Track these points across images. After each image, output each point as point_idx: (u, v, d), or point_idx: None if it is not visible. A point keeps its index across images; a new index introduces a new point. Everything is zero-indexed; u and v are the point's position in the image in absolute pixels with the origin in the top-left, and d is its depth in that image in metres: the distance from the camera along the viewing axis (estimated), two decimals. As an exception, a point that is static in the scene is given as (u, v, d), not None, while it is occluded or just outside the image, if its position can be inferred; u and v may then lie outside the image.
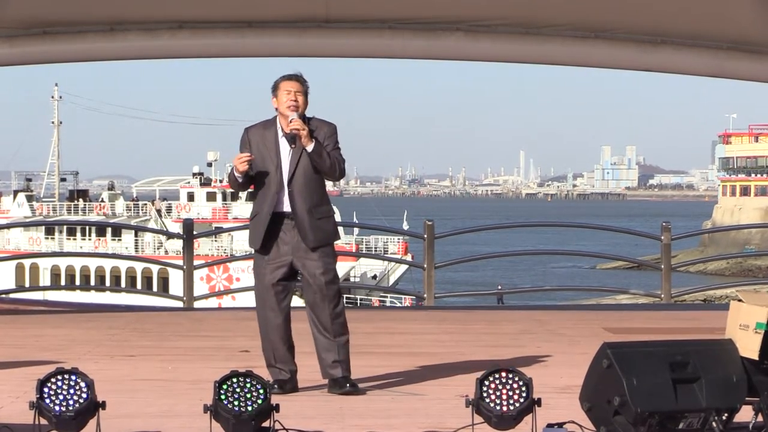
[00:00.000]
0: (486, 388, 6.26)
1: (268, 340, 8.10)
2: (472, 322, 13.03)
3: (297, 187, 8.00)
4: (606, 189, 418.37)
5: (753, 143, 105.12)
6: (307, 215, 8.00)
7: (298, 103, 8.01)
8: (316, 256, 8.01)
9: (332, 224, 8.14)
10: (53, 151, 78.18)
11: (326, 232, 8.07)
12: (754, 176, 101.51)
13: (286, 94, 8.03)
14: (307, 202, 8.01)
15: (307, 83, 8.11)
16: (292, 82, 8.06)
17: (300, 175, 8.00)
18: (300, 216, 7.99)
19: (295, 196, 7.99)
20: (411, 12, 13.26)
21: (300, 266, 8.03)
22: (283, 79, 8.09)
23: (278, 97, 8.06)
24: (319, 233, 8.04)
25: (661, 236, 15.60)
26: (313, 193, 8.04)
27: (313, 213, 8.02)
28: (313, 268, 8.01)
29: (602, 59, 13.79)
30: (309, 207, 8.02)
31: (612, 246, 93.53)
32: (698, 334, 10.42)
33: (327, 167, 8.02)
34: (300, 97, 8.03)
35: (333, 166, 8.03)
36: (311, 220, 8.01)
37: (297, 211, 8.00)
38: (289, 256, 8.02)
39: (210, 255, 55.73)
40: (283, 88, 8.05)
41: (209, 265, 20.05)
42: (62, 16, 13.26)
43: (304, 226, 7.99)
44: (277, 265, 8.04)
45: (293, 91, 8.02)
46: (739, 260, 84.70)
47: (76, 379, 6.11)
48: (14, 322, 13.71)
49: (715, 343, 6.50)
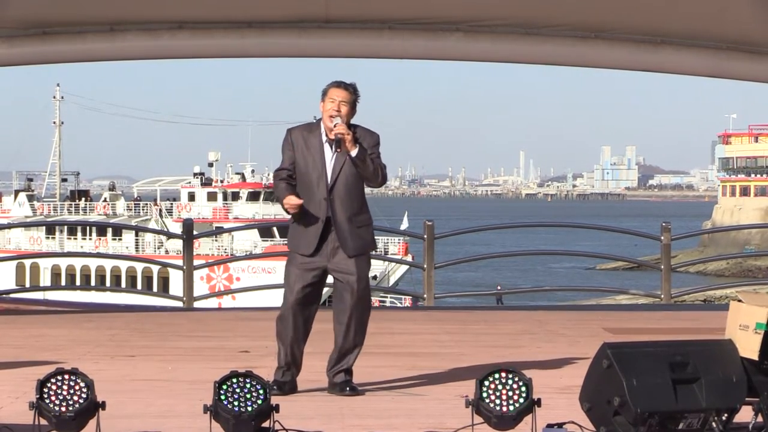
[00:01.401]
0: (486, 389, 6.27)
1: (283, 340, 8.04)
2: (472, 322, 13.03)
3: (338, 195, 7.96)
4: (606, 189, 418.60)
5: (753, 143, 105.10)
6: (347, 223, 7.98)
7: (341, 113, 7.95)
8: (352, 263, 7.99)
9: (371, 233, 8.12)
10: (54, 151, 78.20)
11: (365, 241, 8.05)
12: (754, 176, 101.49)
13: (330, 102, 7.97)
14: (348, 210, 7.98)
15: (357, 93, 8.04)
16: (340, 90, 8.01)
17: (341, 183, 7.97)
18: (340, 223, 7.97)
19: (336, 203, 7.96)
20: (411, 12, 13.26)
21: (334, 272, 8.00)
22: (331, 86, 8.04)
23: (324, 103, 8.02)
24: (359, 241, 8.02)
25: (661, 236, 15.59)
26: (353, 201, 8.01)
27: (353, 221, 8.00)
28: (348, 275, 7.98)
29: (602, 59, 13.79)
30: (349, 215, 7.99)
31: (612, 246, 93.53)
32: (698, 335, 10.42)
33: (371, 172, 7.98)
34: (344, 107, 7.96)
35: (376, 171, 8.00)
36: (351, 227, 7.99)
37: (337, 218, 7.96)
38: (324, 261, 7.99)
39: (210, 255, 55.72)
40: (330, 95, 8.00)
41: (209, 265, 20.04)
42: (62, 16, 13.26)
43: (344, 234, 7.96)
44: (310, 267, 8.00)
45: (338, 100, 7.96)
46: (738, 260, 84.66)
47: (76, 379, 6.11)
48: (14, 322, 13.70)
49: (715, 344, 6.50)
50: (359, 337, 8.08)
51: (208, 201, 67.44)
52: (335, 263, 7.99)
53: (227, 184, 67.92)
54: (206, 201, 67.44)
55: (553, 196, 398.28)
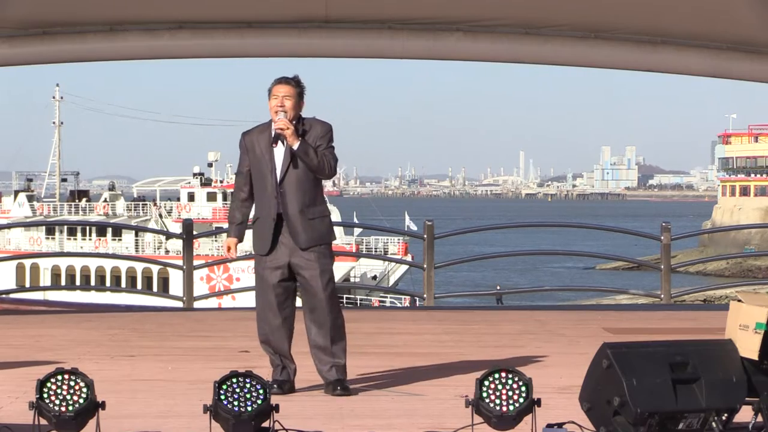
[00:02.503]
0: (486, 389, 6.27)
1: (268, 342, 8.09)
2: (472, 322, 13.03)
3: (288, 188, 8.01)
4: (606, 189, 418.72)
5: (753, 143, 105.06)
6: (299, 215, 8.00)
7: (285, 108, 8.01)
8: (312, 257, 8.01)
9: (327, 224, 8.13)
10: (54, 152, 78.25)
11: (320, 233, 8.06)
12: (754, 176, 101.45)
13: (274, 98, 8.07)
14: (299, 203, 8.01)
15: (300, 85, 8.10)
16: (281, 86, 8.08)
17: (291, 175, 8.01)
18: (291, 216, 8.00)
19: (287, 196, 8.01)
20: (411, 12, 13.26)
21: (296, 267, 8.03)
22: (274, 83, 8.13)
23: (270, 101, 8.11)
24: (312, 233, 8.03)
25: (661, 236, 15.59)
26: (305, 193, 8.04)
27: (305, 213, 8.02)
28: (309, 270, 8.01)
29: (602, 59, 13.79)
30: (301, 207, 8.01)
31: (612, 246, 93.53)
32: (698, 335, 10.42)
33: (315, 165, 8.01)
34: (289, 101, 8.03)
35: (321, 164, 8.02)
36: (303, 220, 8.00)
37: (288, 211, 8.00)
38: (285, 258, 8.02)
39: (210, 255, 55.72)
40: (273, 92, 8.09)
41: (209, 265, 20.01)
42: (62, 16, 13.26)
43: (295, 227, 7.99)
44: (275, 265, 8.03)
45: (281, 95, 8.04)
46: (738, 260, 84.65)
47: (75, 379, 6.11)
48: (14, 322, 13.70)
49: (714, 344, 6.50)
50: (335, 331, 8.04)
51: (208, 201, 67.49)
52: (297, 258, 8.00)
53: (227, 184, 67.97)
54: (206, 201, 67.49)
55: (553, 196, 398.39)
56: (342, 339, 8.10)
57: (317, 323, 8.03)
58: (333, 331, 8.05)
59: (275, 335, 8.05)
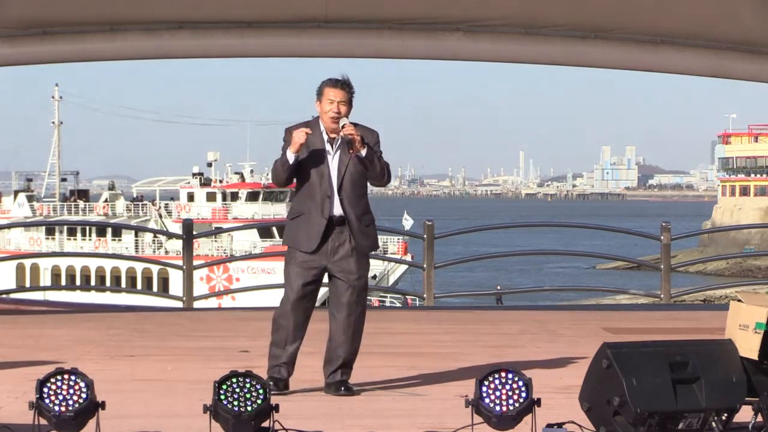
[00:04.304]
0: (486, 389, 6.27)
1: (282, 338, 8.03)
2: (472, 322, 13.03)
3: (346, 194, 7.96)
4: (606, 189, 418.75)
5: (752, 143, 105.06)
6: (357, 222, 7.99)
7: (341, 114, 7.93)
8: (354, 263, 8.00)
9: (376, 232, 8.16)
10: (53, 151, 78.17)
11: (374, 239, 8.09)
12: (754, 176, 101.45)
13: (329, 103, 7.94)
14: (356, 209, 8.00)
15: (352, 89, 8.01)
16: (337, 90, 7.96)
17: (348, 182, 7.97)
18: (352, 222, 7.97)
19: (345, 202, 7.96)
20: (411, 12, 13.26)
21: (336, 270, 7.99)
22: (327, 86, 7.99)
23: (322, 103, 7.99)
24: (368, 240, 8.05)
25: (661, 236, 15.59)
26: (359, 200, 8.03)
27: (361, 220, 8.02)
28: (350, 274, 7.98)
29: (602, 59, 13.79)
30: (357, 214, 8.00)
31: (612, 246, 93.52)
32: (698, 334, 10.42)
33: (378, 172, 7.99)
34: (344, 107, 7.94)
35: (383, 171, 8.01)
36: (360, 226, 8.00)
37: (349, 217, 7.97)
38: (324, 261, 7.98)
39: (210, 255, 55.71)
40: (327, 95, 7.96)
41: (209, 265, 20.05)
42: (62, 16, 13.26)
43: (357, 232, 7.97)
44: (311, 266, 7.99)
45: (337, 101, 7.94)
46: (738, 260, 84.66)
47: (75, 379, 6.11)
48: (14, 322, 13.70)
49: (714, 344, 6.50)
50: (358, 336, 8.08)
51: (208, 201, 67.45)
52: (336, 262, 7.98)
53: (226, 184, 67.96)
54: (205, 201, 67.45)
55: (553, 196, 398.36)
56: (358, 344, 8.11)
57: (345, 325, 8.01)
58: (356, 335, 8.06)
59: (294, 332, 7.98)
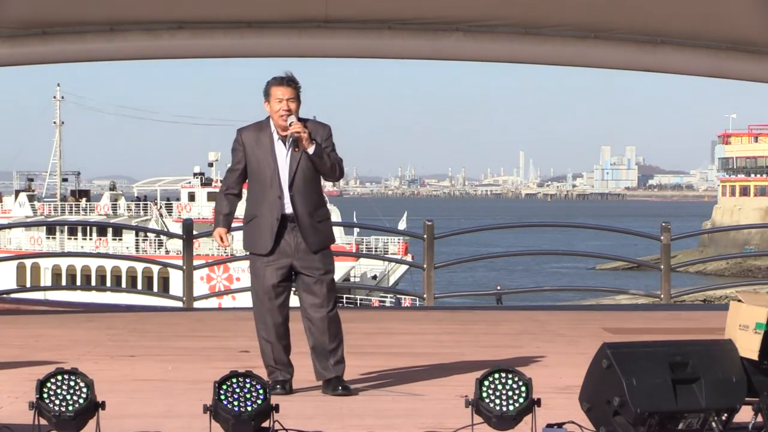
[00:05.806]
0: (486, 389, 6.27)
1: (267, 342, 8.08)
2: (472, 323, 13.03)
3: (297, 191, 7.99)
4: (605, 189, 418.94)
5: (752, 143, 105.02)
6: (308, 218, 8.01)
7: (291, 111, 7.95)
8: (317, 258, 8.03)
9: (330, 227, 8.18)
10: (55, 151, 78.20)
11: (326, 235, 8.11)
12: (754, 176, 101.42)
13: (278, 102, 7.96)
14: (308, 206, 8.02)
15: (298, 85, 8.01)
16: (284, 88, 7.97)
17: (299, 179, 8.00)
18: (302, 219, 8.00)
19: (296, 199, 7.99)
20: (411, 12, 13.26)
21: (300, 267, 8.03)
22: (273, 84, 8.00)
23: (270, 103, 8.00)
24: (320, 236, 8.06)
25: (661, 236, 15.59)
26: (312, 196, 8.05)
27: (313, 216, 8.04)
28: (314, 270, 8.02)
29: (602, 59, 13.79)
30: (309, 210, 8.02)
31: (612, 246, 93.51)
32: (698, 335, 10.42)
33: (328, 168, 8.02)
34: (292, 103, 7.96)
35: (333, 167, 8.04)
36: (312, 222, 8.02)
37: (299, 214, 8.00)
38: (289, 258, 8.02)
39: (210, 255, 55.69)
40: (275, 95, 7.97)
41: (209, 265, 20.00)
42: (62, 16, 13.26)
43: (306, 230, 8.00)
44: (277, 266, 8.03)
45: (285, 99, 7.96)
46: (738, 260, 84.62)
47: (75, 379, 6.11)
48: (14, 322, 13.70)
49: (714, 344, 6.50)
50: (335, 331, 8.05)
51: (208, 201, 67.42)
52: (301, 260, 8.01)
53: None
54: (206, 201, 67.43)
55: (553, 196, 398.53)
56: (341, 338, 8.10)
57: (318, 323, 8.03)
58: (333, 331, 8.05)
59: (275, 335, 8.02)
